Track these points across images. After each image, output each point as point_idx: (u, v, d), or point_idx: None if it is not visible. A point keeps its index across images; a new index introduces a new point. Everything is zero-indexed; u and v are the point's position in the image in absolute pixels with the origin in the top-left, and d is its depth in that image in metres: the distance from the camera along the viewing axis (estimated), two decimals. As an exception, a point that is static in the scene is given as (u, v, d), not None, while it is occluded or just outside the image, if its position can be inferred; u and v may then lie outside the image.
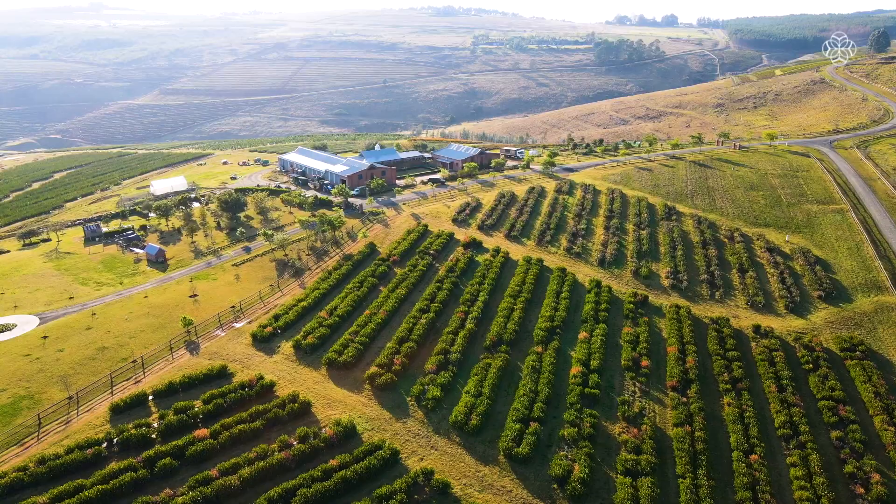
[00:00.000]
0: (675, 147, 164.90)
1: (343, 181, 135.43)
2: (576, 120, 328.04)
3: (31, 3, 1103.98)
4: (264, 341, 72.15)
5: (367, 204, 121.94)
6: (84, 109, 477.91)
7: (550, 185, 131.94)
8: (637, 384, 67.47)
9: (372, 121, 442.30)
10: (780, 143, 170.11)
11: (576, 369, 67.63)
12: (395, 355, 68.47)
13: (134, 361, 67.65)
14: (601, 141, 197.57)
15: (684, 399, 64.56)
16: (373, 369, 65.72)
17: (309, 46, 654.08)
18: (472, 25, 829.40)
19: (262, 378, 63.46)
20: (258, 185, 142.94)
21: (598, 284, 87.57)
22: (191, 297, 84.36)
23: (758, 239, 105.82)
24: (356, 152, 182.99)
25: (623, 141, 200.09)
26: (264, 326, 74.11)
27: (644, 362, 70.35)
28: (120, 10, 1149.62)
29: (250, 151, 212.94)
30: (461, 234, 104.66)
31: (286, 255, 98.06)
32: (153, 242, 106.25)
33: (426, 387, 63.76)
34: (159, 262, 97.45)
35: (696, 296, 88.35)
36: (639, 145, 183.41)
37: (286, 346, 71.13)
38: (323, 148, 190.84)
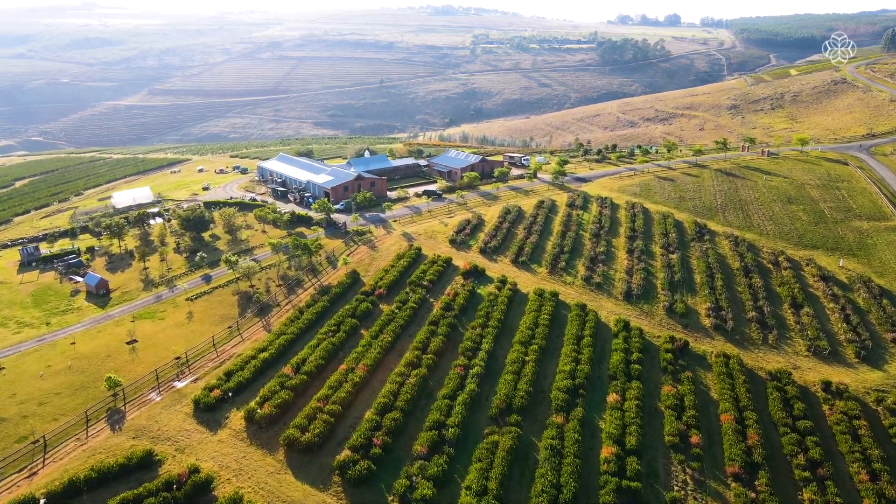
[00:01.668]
0: (698, 153, 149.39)
1: (326, 194, 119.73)
2: (581, 122, 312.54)
3: (24, 3, 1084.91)
4: (209, 410, 56.65)
5: (352, 221, 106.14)
6: (69, 110, 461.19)
7: (562, 199, 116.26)
8: (688, 471, 52.17)
9: (368, 122, 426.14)
10: (811, 150, 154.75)
11: (608, 450, 52.29)
12: (374, 431, 53.13)
13: (35, 442, 52.15)
14: (615, 146, 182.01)
15: (752, 494, 49.29)
16: (345, 454, 50.44)
17: (304, 46, 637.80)
18: (472, 25, 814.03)
19: (196, 471, 47.97)
20: (230, 198, 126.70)
21: (626, 326, 72.12)
22: (128, 343, 68.88)
23: (807, 264, 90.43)
24: (344, 158, 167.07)
25: (639, 146, 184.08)
26: (211, 388, 58.69)
27: (694, 437, 55.05)
28: (113, 8, 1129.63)
29: (231, 157, 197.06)
30: (460, 260, 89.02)
31: (252, 285, 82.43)
32: (98, 269, 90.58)
33: (414, 479, 48.49)
34: (100, 294, 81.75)
35: (745, 339, 72.89)
36: (656, 151, 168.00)
37: (236, 418, 55.62)
38: (308, 154, 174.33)
